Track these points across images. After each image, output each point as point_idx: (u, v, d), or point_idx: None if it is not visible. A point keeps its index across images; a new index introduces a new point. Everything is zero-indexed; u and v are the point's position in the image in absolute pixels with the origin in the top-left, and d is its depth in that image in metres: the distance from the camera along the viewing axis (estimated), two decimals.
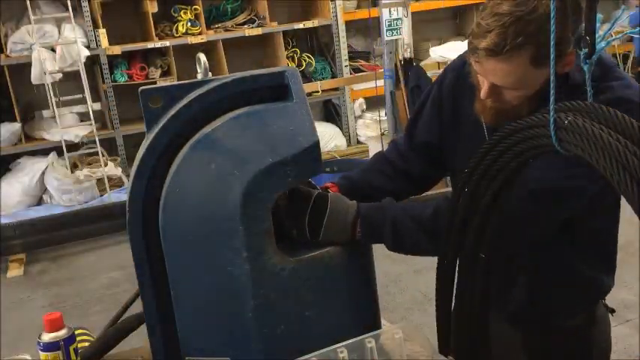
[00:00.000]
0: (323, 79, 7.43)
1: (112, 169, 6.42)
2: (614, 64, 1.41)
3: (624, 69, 7.59)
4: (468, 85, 1.48)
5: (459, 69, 1.59)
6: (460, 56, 1.63)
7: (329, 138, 7.35)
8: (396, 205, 1.45)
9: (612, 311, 1.67)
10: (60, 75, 6.14)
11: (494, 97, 1.37)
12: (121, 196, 6.19)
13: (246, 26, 7.06)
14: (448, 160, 1.65)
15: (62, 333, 1.38)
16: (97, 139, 6.28)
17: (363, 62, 7.78)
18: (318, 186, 1.52)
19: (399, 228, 1.39)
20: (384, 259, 1.47)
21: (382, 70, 6.12)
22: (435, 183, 1.78)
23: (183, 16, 6.78)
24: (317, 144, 1.27)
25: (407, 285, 4.24)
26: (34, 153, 6.51)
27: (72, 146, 6.33)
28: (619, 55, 7.81)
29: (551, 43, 1.03)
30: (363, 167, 1.76)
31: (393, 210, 1.42)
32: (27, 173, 6.27)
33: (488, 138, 1.47)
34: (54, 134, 6.36)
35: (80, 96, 6.27)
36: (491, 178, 1.20)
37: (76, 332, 1.46)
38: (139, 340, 1.59)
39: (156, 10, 6.60)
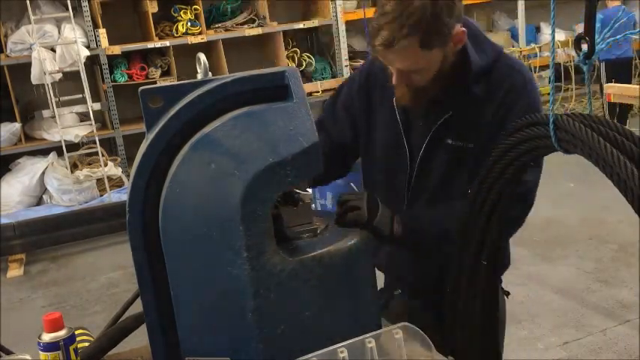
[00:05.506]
0: (323, 79, 7.44)
1: (112, 169, 6.42)
2: (501, 48, 1.65)
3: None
4: (377, 80, 1.74)
5: (367, 69, 1.81)
6: (367, 60, 1.88)
7: None
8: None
9: (507, 293, 1.86)
10: (60, 75, 6.14)
11: (406, 81, 1.57)
12: (121, 196, 6.19)
13: (246, 26, 7.06)
14: (365, 150, 1.83)
15: (62, 333, 1.38)
16: (96, 139, 6.29)
17: (363, 62, 7.77)
18: None
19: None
20: None
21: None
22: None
23: (183, 16, 6.78)
24: (317, 144, 1.27)
25: None
26: (34, 153, 6.52)
27: (72, 146, 6.33)
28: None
29: (551, 39, 1.03)
30: None
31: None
32: (27, 173, 6.27)
33: (400, 121, 1.70)
34: (54, 134, 6.36)
35: (80, 96, 6.27)
36: (493, 181, 1.20)
37: (76, 332, 1.45)
38: (139, 340, 1.59)
39: (156, 10, 6.61)
